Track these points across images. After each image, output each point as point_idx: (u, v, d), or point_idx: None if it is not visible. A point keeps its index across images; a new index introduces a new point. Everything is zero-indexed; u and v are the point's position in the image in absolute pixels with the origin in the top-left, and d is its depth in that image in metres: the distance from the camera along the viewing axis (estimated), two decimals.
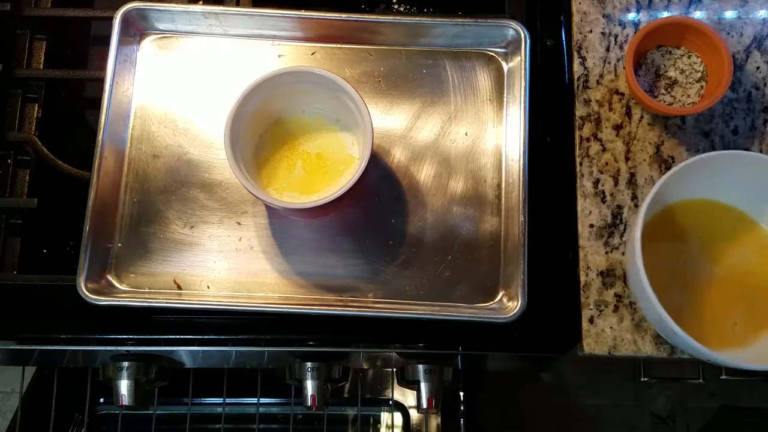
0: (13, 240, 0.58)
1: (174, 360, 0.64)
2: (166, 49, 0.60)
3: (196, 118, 0.58)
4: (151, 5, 0.58)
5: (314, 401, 0.61)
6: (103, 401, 0.89)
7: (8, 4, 0.60)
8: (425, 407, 0.62)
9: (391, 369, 0.81)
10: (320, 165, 0.55)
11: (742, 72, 0.60)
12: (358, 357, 0.65)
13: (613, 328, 0.56)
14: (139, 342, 0.56)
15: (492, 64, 0.59)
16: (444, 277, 0.55)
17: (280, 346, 0.57)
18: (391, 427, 0.94)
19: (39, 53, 0.62)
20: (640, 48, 0.57)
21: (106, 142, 0.55)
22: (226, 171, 0.56)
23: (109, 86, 0.56)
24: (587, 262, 0.57)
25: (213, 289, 0.54)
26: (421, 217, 0.56)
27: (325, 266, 0.55)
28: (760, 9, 0.61)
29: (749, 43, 0.60)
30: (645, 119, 0.59)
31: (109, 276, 0.54)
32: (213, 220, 0.56)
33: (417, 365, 0.62)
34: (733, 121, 0.59)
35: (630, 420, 1.34)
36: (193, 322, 0.55)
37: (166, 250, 0.55)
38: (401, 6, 0.65)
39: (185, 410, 0.85)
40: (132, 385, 0.60)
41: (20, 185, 0.59)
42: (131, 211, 0.56)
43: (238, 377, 0.87)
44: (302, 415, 0.92)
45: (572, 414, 1.35)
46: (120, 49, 0.57)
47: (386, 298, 0.54)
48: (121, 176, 0.57)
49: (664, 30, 0.57)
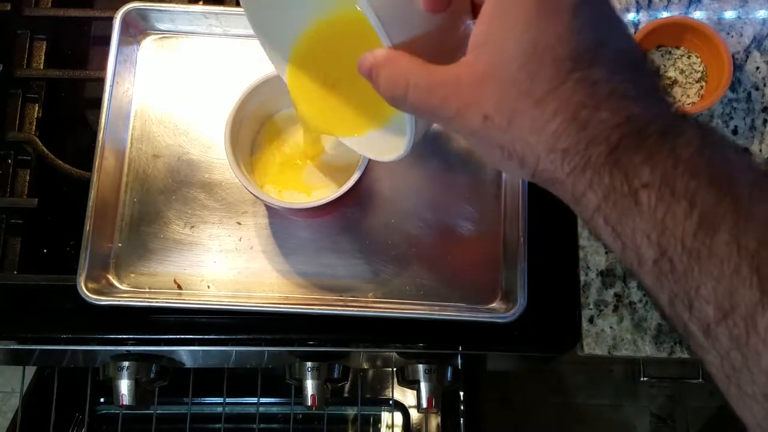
0: (13, 240, 0.58)
1: (174, 360, 0.64)
2: (166, 49, 0.60)
3: (197, 118, 0.58)
4: (151, 5, 0.58)
5: (314, 401, 0.62)
6: (103, 401, 0.89)
7: (8, 4, 0.60)
8: (425, 407, 0.62)
9: (391, 369, 0.81)
10: (321, 165, 0.55)
11: (742, 72, 0.60)
12: (358, 357, 0.65)
13: (612, 328, 0.56)
14: (139, 342, 0.56)
15: None
16: (444, 277, 0.55)
17: (280, 346, 0.58)
18: (391, 427, 0.94)
19: (39, 53, 0.62)
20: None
21: (107, 142, 0.55)
22: (226, 171, 0.56)
23: (109, 86, 0.56)
24: (587, 262, 0.57)
25: (213, 289, 0.54)
26: (421, 216, 0.56)
27: (325, 266, 0.55)
28: (760, 9, 0.61)
29: (749, 43, 0.60)
30: None
31: (109, 276, 0.54)
32: (213, 220, 0.56)
33: (417, 365, 0.62)
34: (733, 121, 0.59)
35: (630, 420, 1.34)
36: (193, 321, 0.55)
37: (166, 250, 0.55)
38: None
39: (185, 410, 0.85)
40: (132, 385, 0.61)
41: (20, 185, 0.59)
42: (131, 211, 0.56)
43: (238, 377, 0.87)
44: (302, 414, 0.92)
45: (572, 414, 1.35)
46: (120, 49, 0.57)
47: (386, 298, 0.54)
48: (121, 176, 0.57)
49: (664, 30, 0.57)
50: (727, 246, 0.26)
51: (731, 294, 0.26)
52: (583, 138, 0.29)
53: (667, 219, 0.27)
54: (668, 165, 0.28)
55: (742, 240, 0.26)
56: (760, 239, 0.26)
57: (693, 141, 0.28)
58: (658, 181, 0.28)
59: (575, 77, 0.29)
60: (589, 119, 0.29)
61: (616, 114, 0.29)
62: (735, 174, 0.27)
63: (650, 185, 0.28)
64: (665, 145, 0.28)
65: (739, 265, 0.26)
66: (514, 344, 0.56)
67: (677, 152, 0.28)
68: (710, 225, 0.26)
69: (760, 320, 0.25)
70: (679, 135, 0.28)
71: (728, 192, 0.27)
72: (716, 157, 0.28)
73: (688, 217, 0.27)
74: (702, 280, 0.27)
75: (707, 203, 0.27)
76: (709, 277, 0.26)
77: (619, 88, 0.29)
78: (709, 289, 0.26)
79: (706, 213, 0.27)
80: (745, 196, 0.27)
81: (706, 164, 0.27)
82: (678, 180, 0.27)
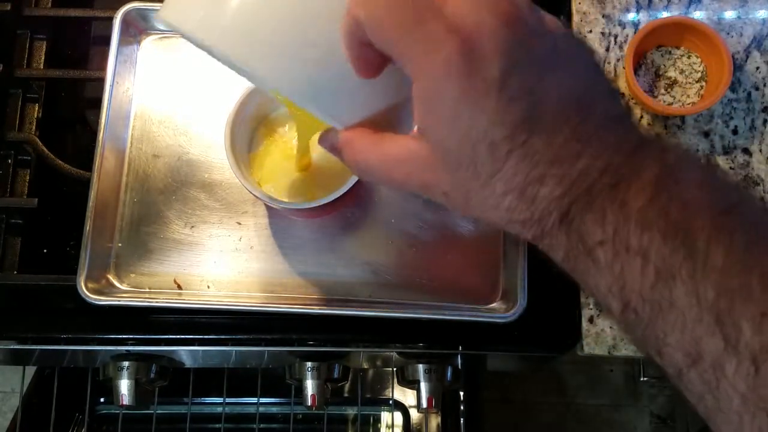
0: (13, 240, 0.58)
1: (174, 360, 0.64)
2: (166, 49, 0.60)
3: (197, 118, 0.58)
4: (151, 5, 0.58)
5: (314, 401, 0.62)
6: (104, 401, 0.89)
7: (8, 4, 0.60)
8: (425, 407, 0.62)
9: (391, 369, 0.81)
10: (321, 164, 0.55)
11: (742, 72, 0.60)
12: (358, 357, 0.65)
13: (612, 327, 0.56)
14: (139, 342, 0.56)
15: None
16: (444, 277, 0.55)
17: (280, 346, 0.58)
18: (391, 427, 0.94)
19: (39, 53, 0.62)
20: (639, 48, 0.57)
21: (107, 142, 0.55)
22: (226, 171, 0.56)
23: (109, 86, 0.56)
24: None
25: (213, 289, 0.54)
26: (421, 216, 0.56)
27: (324, 266, 0.55)
28: (760, 9, 0.61)
29: (749, 43, 0.60)
30: (645, 119, 0.59)
31: (109, 276, 0.54)
32: (213, 220, 0.56)
33: (417, 365, 0.62)
34: (733, 121, 0.59)
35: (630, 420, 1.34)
36: (193, 321, 0.55)
37: (166, 250, 0.55)
38: None
39: (185, 410, 0.85)
40: (132, 385, 0.61)
41: (20, 185, 0.59)
42: (131, 211, 0.56)
43: (238, 377, 0.87)
44: (302, 414, 0.92)
45: (572, 414, 1.35)
46: (120, 49, 0.57)
47: (386, 298, 0.54)
48: (121, 176, 0.57)
49: (664, 30, 0.57)
50: (687, 297, 0.26)
51: (697, 342, 0.26)
52: (536, 211, 0.30)
53: (624, 274, 0.28)
54: (620, 221, 0.28)
55: (700, 290, 0.26)
56: (717, 288, 0.26)
57: (645, 189, 0.28)
58: (611, 238, 0.28)
59: (514, 156, 0.29)
60: (535, 194, 0.29)
61: (561, 182, 0.29)
62: (690, 220, 0.27)
63: (605, 242, 0.28)
64: (616, 199, 0.28)
65: (701, 315, 0.26)
66: (514, 344, 0.56)
67: (628, 206, 0.28)
68: (667, 278, 0.27)
69: (728, 367, 0.25)
70: (631, 183, 0.28)
71: (682, 243, 0.27)
72: (671, 203, 0.27)
73: (644, 272, 0.27)
74: (666, 330, 0.27)
75: (661, 256, 0.27)
76: (673, 327, 0.27)
77: (561, 152, 0.29)
78: (675, 338, 0.27)
79: (661, 267, 0.27)
80: (701, 242, 0.26)
81: (658, 215, 0.27)
82: (631, 236, 0.27)
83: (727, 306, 0.26)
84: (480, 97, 0.29)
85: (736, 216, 0.27)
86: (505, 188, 0.30)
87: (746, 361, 0.25)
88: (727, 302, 0.26)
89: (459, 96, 0.29)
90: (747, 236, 0.26)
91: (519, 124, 0.29)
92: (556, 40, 0.30)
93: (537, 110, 0.29)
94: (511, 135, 0.29)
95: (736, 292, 0.26)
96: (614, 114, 0.30)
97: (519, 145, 0.29)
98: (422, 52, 0.29)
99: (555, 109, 0.29)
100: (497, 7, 0.29)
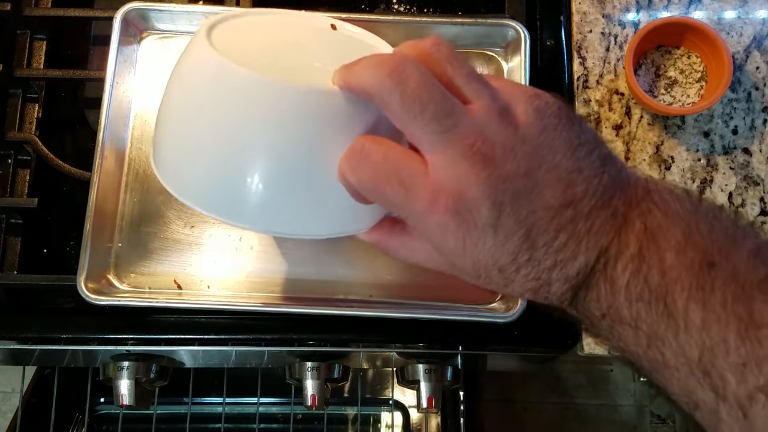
0: (13, 240, 0.58)
1: (174, 360, 0.64)
2: (166, 49, 0.60)
3: None
4: (151, 5, 0.58)
5: (314, 401, 0.61)
6: (103, 401, 0.89)
7: (8, 4, 0.60)
8: (425, 407, 0.62)
9: (391, 369, 0.81)
10: None
11: (742, 72, 0.60)
12: (358, 357, 0.65)
13: None
14: (139, 342, 0.56)
15: (492, 64, 0.59)
16: (444, 277, 0.54)
17: (280, 346, 0.58)
18: (391, 427, 0.94)
19: (39, 53, 0.62)
20: (639, 48, 0.57)
21: (107, 142, 0.55)
22: None
23: (109, 86, 0.56)
24: None
25: (213, 289, 0.54)
26: None
27: (325, 266, 0.55)
28: (760, 9, 0.61)
29: (749, 43, 0.60)
30: (645, 119, 0.59)
31: (109, 276, 0.54)
32: (213, 220, 0.56)
33: (417, 365, 0.62)
34: (733, 121, 0.59)
35: (630, 420, 1.34)
36: (193, 321, 0.55)
37: (166, 250, 0.55)
38: (401, 6, 0.65)
39: (185, 410, 0.85)
40: (132, 385, 0.61)
41: (20, 185, 0.59)
42: (131, 210, 0.56)
43: (238, 377, 0.87)
44: (302, 414, 0.92)
45: (572, 414, 1.35)
46: (120, 49, 0.57)
47: (386, 298, 0.54)
48: (121, 176, 0.57)
49: (664, 30, 0.57)
50: (676, 357, 0.30)
51: (692, 393, 0.30)
52: (551, 300, 0.35)
53: (622, 341, 0.33)
54: (610, 297, 0.33)
55: (686, 349, 0.30)
56: (700, 346, 0.30)
57: (629, 264, 0.32)
58: (607, 312, 0.33)
59: (522, 271, 0.34)
60: (547, 293, 0.35)
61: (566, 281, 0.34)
62: (669, 285, 0.31)
63: (606, 315, 0.33)
64: (608, 278, 0.33)
65: (690, 371, 0.30)
66: (514, 344, 0.56)
67: (617, 284, 0.32)
68: (657, 341, 0.31)
69: (723, 414, 0.29)
70: (618, 260, 0.32)
71: (665, 308, 0.31)
72: (651, 273, 0.31)
73: (637, 338, 0.32)
74: (666, 383, 0.32)
75: (648, 324, 0.31)
76: (671, 382, 0.31)
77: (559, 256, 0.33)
78: (675, 390, 0.31)
79: (650, 333, 0.31)
80: (680, 304, 0.30)
81: (642, 288, 0.31)
82: (622, 309, 0.32)
83: (710, 360, 0.29)
84: (479, 242, 0.33)
85: (715, 271, 0.30)
86: (522, 290, 0.35)
87: (735, 408, 0.29)
88: (710, 357, 0.29)
89: (461, 244, 0.34)
90: (723, 291, 0.30)
91: (519, 250, 0.33)
92: (526, 139, 0.33)
93: (532, 232, 0.33)
94: (514, 259, 0.33)
95: (717, 347, 0.29)
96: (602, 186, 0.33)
97: (524, 264, 0.34)
98: (416, 214, 0.34)
99: (546, 223, 0.33)
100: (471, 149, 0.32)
